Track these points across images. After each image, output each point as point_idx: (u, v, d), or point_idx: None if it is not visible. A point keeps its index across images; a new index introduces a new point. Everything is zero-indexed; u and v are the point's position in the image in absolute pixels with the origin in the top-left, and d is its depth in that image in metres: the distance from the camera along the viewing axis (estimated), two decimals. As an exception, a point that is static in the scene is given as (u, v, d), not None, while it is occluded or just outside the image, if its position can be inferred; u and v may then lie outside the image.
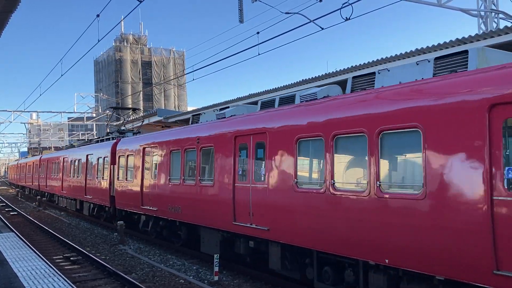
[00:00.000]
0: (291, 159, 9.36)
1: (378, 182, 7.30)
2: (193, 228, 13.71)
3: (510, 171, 5.64)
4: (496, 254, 5.70)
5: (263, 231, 10.01)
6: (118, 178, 18.78)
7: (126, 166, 17.92)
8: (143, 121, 27.49)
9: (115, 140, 19.99)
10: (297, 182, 9.15)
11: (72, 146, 32.57)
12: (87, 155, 23.17)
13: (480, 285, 5.92)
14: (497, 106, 5.82)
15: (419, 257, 6.67)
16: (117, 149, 19.16)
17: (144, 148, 16.45)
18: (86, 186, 22.80)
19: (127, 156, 17.93)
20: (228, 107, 13.35)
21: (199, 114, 14.70)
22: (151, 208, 15.45)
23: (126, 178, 17.85)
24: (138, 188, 16.60)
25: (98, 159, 21.31)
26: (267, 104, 11.07)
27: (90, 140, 27.39)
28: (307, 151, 9.22)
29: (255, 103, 12.46)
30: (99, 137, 25.67)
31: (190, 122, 14.87)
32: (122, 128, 24.17)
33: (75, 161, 25.54)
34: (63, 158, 28.38)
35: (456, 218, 6.20)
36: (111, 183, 19.50)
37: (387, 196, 7.16)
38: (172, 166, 14.39)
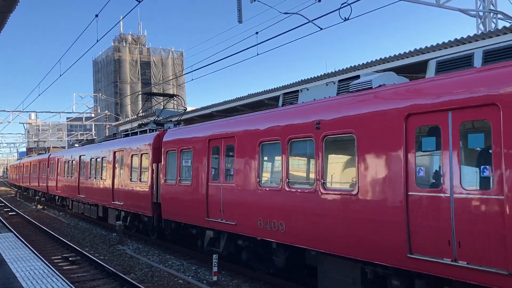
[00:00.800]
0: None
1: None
2: (299, 252, 9.82)
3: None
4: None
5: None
6: (165, 180, 14.71)
7: (180, 164, 13.93)
8: (185, 109, 21.71)
9: (157, 133, 16.09)
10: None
11: (89, 141, 27.51)
12: (114, 152, 19.38)
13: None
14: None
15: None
16: (163, 142, 15.06)
17: (212, 140, 12.40)
18: (114, 189, 18.95)
19: (181, 151, 13.89)
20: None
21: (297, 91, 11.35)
22: (225, 221, 11.51)
23: (180, 180, 13.84)
24: (200, 195, 12.59)
25: (132, 156, 17.47)
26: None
27: (115, 134, 22.80)
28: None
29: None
30: (129, 130, 21.06)
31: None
32: (158, 118, 18.96)
33: (96, 159, 21.63)
34: (80, 156, 24.44)
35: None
36: (155, 186, 15.53)
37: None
38: (266, 165, 10.77)
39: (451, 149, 6.47)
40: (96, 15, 15.68)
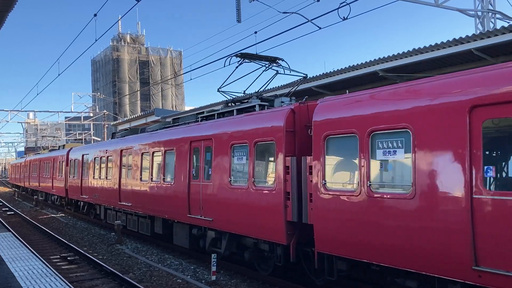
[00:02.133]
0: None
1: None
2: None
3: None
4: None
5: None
6: (325, 186, 8.60)
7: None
8: (306, 77, 13.52)
9: (289, 107, 9.92)
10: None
11: (132, 131, 20.12)
12: (201, 141, 12.85)
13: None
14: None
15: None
16: (319, 121, 8.85)
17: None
18: (200, 198, 12.61)
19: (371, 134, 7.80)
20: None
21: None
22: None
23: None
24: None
25: (232, 148, 11.43)
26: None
27: (176, 119, 16.12)
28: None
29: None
30: (205, 110, 16.33)
31: None
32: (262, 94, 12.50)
33: (154, 153, 15.57)
34: (122, 151, 18.35)
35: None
36: (293, 195, 9.48)
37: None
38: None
39: None
40: (95, 15, 15.67)
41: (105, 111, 53.42)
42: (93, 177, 21.65)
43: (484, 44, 12.28)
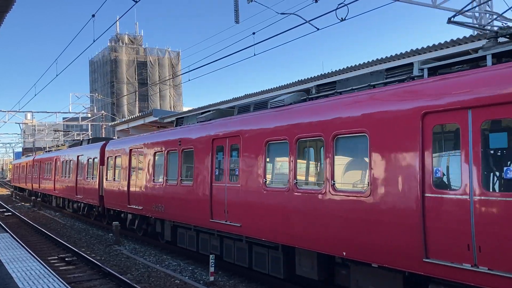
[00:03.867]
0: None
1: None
2: None
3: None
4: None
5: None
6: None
7: None
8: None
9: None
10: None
11: (220, 112, 13.71)
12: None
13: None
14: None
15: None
16: None
17: None
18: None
19: None
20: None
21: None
22: None
23: None
24: None
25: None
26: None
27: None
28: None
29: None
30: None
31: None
32: None
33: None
34: (214, 140, 12.27)
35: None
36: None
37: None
38: None
39: None
40: (93, 15, 15.65)
41: (103, 111, 53.38)
42: (154, 179, 15.29)
43: (481, 46, 12.30)
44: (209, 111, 14.33)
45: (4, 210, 30.59)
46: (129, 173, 17.52)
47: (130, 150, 17.52)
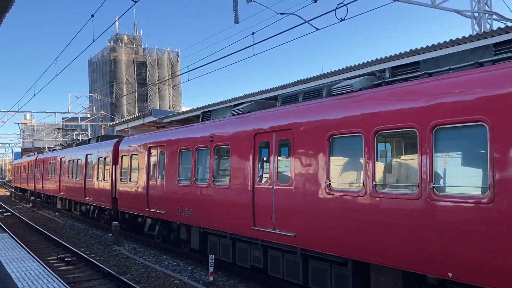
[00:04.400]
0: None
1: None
2: None
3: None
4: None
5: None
6: None
7: None
8: None
9: None
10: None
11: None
12: None
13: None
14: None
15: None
16: None
17: None
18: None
19: None
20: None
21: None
22: None
23: None
24: None
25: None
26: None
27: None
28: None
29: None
30: None
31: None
32: None
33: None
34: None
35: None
36: None
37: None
38: None
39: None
40: (92, 15, 15.65)
41: (102, 111, 53.34)
42: (179, 180, 13.67)
43: (481, 45, 12.30)
44: (243, 102, 12.48)
45: (4, 210, 30.57)
46: (148, 173, 15.66)
47: (149, 148, 15.66)
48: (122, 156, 18.22)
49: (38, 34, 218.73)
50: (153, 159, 15.50)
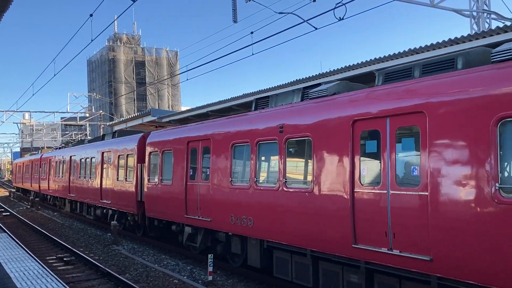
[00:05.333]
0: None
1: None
2: None
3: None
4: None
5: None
6: None
7: None
8: None
9: None
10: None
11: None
12: None
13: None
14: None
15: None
16: None
17: None
18: None
19: None
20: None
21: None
22: None
23: None
24: None
25: None
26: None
27: None
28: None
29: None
30: None
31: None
32: None
33: None
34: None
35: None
36: None
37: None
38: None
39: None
40: (91, 15, 15.62)
41: (101, 111, 53.30)
42: (232, 181, 11.41)
43: (480, 44, 12.33)
44: (318, 84, 10.23)
45: (2, 210, 30.55)
46: (186, 173, 13.39)
47: (189, 143, 13.39)
48: (150, 153, 15.82)
49: (36, 34, 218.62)
50: (194, 156, 13.29)
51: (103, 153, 20.59)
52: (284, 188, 9.56)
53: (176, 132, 14.64)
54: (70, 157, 25.92)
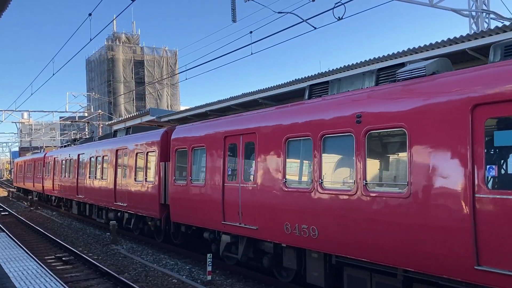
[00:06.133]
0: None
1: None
2: None
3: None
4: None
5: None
6: None
7: None
8: None
9: None
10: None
11: None
12: None
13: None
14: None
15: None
16: None
17: None
18: None
19: None
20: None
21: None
22: None
23: None
24: None
25: None
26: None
27: None
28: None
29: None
30: None
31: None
32: None
33: None
34: None
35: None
36: None
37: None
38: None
39: None
40: (90, 14, 15.62)
41: (99, 111, 53.26)
42: (286, 183, 9.63)
43: (479, 44, 12.34)
44: (394, 66, 8.40)
45: (1, 209, 30.52)
46: (224, 172, 11.71)
47: (226, 138, 11.76)
48: (175, 150, 14.12)
49: (35, 33, 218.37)
50: (233, 153, 11.67)
51: (117, 150, 18.81)
52: (364, 192, 7.80)
53: (208, 126, 12.88)
54: (78, 155, 24.14)
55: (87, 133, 56.53)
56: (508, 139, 6.10)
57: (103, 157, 20.40)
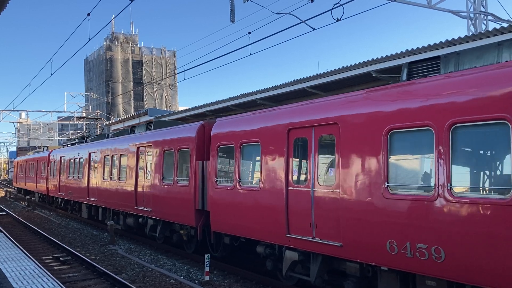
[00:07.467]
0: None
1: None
2: None
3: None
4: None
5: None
6: None
7: None
8: None
9: None
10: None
11: None
12: None
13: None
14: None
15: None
16: None
17: None
18: None
19: None
20: None
21: None
22: None
23: None
24: None
25: None
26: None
27: None
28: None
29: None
30: None
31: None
32: None
33: None
34: None
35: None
36: None
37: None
38: None
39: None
40: (88, 14, 15.62)
41: (98, 111, 53.19)
42: (389, 187, 7.53)
43: (478, 45, 12.36)
44: None
45: (-2, 209, 30.46)
46: (287, 173, 9.58)
47: (290, 131, 9.63)
48: (218, 147, 11.95)
49: (33, 33, 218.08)
50: (300, 149, 9.53)
51: (138, 148, 16.57)
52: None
53: (264, 117, 10.59)
54: (89, 154, 21.71)
55: (85, 133, 56.43)
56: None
57: (120, 155, 18.15)
